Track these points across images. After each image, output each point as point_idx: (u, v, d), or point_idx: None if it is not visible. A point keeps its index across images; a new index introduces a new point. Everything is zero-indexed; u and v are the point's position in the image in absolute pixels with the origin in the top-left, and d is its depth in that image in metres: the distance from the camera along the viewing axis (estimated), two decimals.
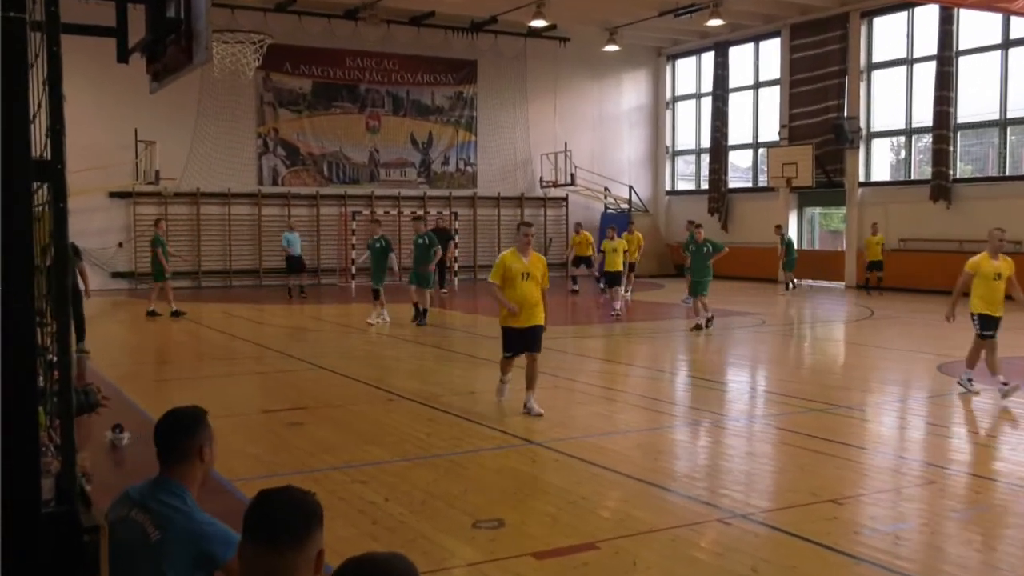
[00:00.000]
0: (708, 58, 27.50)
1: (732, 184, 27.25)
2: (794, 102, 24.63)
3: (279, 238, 21.24)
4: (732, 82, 26.84)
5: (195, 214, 23.22)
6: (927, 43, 21.62)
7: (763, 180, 25.99)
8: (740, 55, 26.84)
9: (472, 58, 26.24)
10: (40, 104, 2.32)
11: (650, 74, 29.25)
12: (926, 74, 21.63)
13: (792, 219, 25.22)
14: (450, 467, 6.40)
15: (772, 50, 25.78)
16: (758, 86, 26.48)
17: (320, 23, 23.95)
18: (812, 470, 6.41)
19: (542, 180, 27.16)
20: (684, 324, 14.77)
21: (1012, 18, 19.61)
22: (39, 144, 2.33)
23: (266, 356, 12.07)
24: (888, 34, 23.02)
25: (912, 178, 22.61)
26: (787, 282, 22.30)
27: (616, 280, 16.75)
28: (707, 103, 27.62)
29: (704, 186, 27.88)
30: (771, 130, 25.74)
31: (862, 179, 23.36)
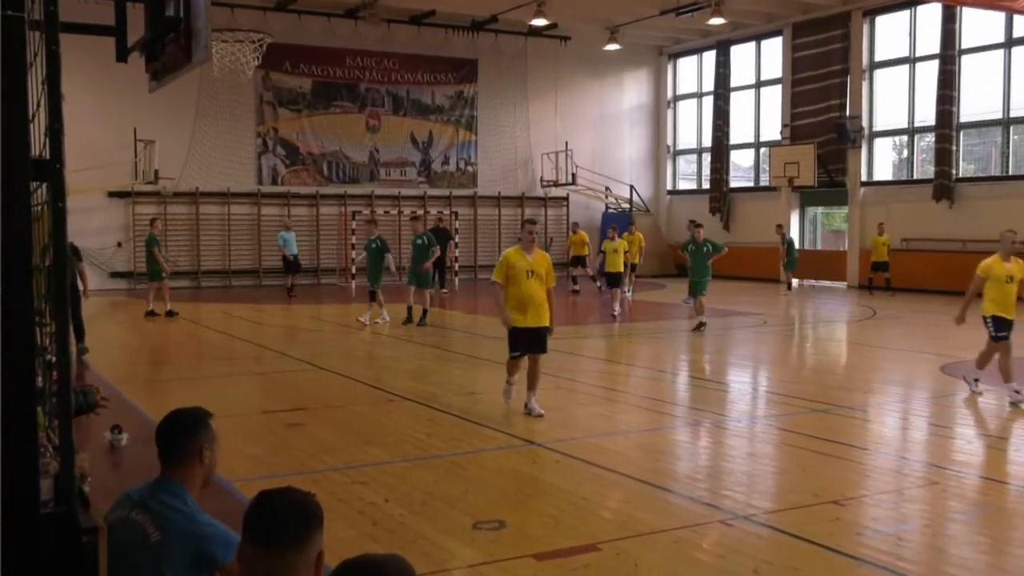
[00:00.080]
0: (710, 57, 27.45)
1: (734, 184, 27.22)
2: (796, 101, 24.58)
3: (278, 238, 21.18)
4: (734, 81, 26.79)
5: (194, 214, 23.19)
6: (930, 42, 21.57)
7: (765, 180, 25.96)
8: (742, 54, 26.80)
9: (472, 57, 26.19)
10: (39, 103, 2.31)
11: (651, 73, 29.20)
12: (928, 73, 21.59)
13: (794, 219, 25.17)
14: (450, 468, 6.38)
15: (774, 49, 25.73)
16: (760, 85, 26.42)
17: (320, 22, 23.92)
18: (814, 471, 6.38)
19: (543, 180, 27.12)
20: (686, 324, 14.73)
21: (1015, 17, 19.58)
22: (38, 143, 2.32)
23: (265, 356, 12.06)
24: (890, 33, 22.98)
25: (914, 178, 22.57)
26: (788, 282, 22.26)
27: (616, 281, 16.67)
28: (708, 102, 27.57)
29: (705, 186, 27.84)
30: (773, 129, 25.70)
31: (864, 179, 23.32)
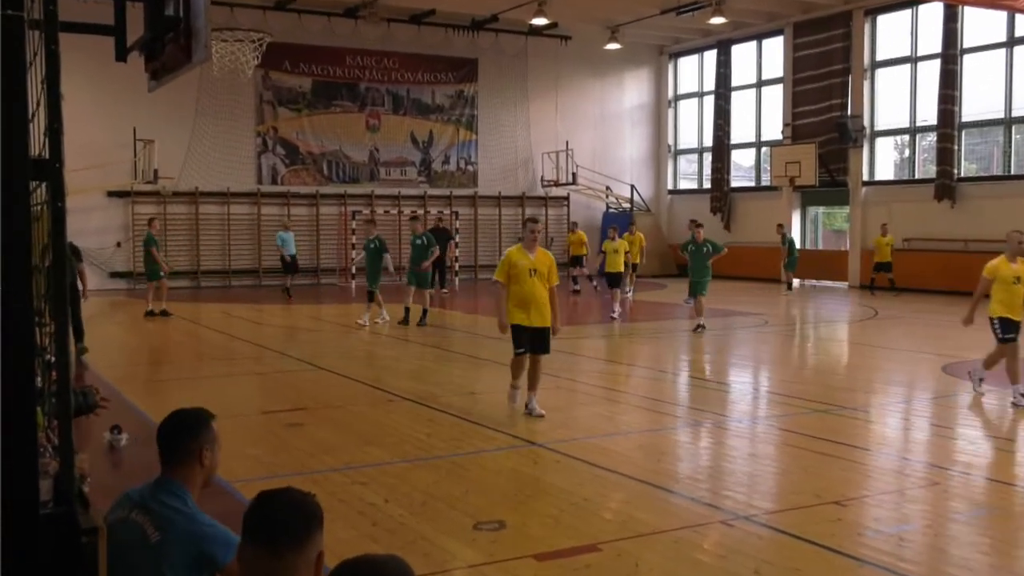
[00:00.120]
0: (711, 56, 27.42)
1: (735, 183, 27.18)
2: (797, 100, 24.54)
3: (276, 238, 21.04)
4: (735, 80, 26.75)
5: (194, 213, 23.15)
6: (931, 41, 21.53)
7: (766, 179, 25.93)
8: (743, 53, 26.76)
9: (473, 56, 26.15)
10: (38, 103, 2.31)
11: (652, 72, 29.17)
12: (930, 72, 21.55)
13: (795, 218, 25.13)
14: (451, 468, 6.36)
15: (775, 48, 25.70)
16: (761, 84, 26.39)
17: (320, 21, 23.88)
18: (815, 471, 6.36)
19: (543, 179, 27.09)
20: (686, 324, 14.71)
21: (1017, 16, 19.54)
22: (37, 143, 2.32)
23: (265, 356, 12.03)
24: (892, 32, 22.94)
25: (916, 177, 22.53)
26: (788, 282, 22.21)
27: (616, 281, 16.59)
28: (709, 101, 27.53)
29: (706, 185, 27.80)
30: (774, 129, 25.66)
31: (866, 178, 23.28)
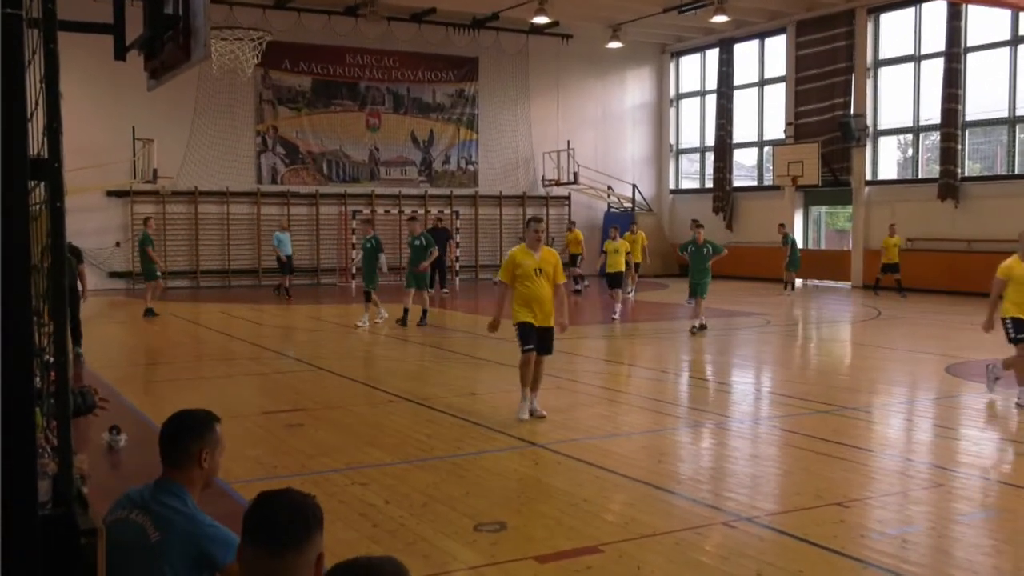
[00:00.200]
0: (713, 55, 27.36)
1: (737, 183, 27.13)
2: (800, 100, 24.48)
3: (272, 238, 20.90)
4: (737, 79, 26.69)
5: (193, 213, 23.11)
6: (935, 39, 21.47)
7: (768, 179, 25.87)
8: (745, 52, 26.70)
9: (473, 55, 26.10)
10: (37, 102, 2.30)
11: (654, 71, 29.11)
12: (934, 71, 21.48)
13: (798, 218, 25.08)
14: (451, 469, 6.34)
15: (778, 47, 25.64)
16: (763, 83, 26.33)
17: (320, 20, 23.84)
18: (818, 473, 6.33)
19: (544, 179, 27.04)
20: (688, 325, 14.67)
21: (1021, 15, 19.48)
22: (36, 142, 2.31)
23: (265, 357, 12.01)
24: (895, 30, 22.87)
25: (920, 176, 22.46)
26: (791, 282, 22.12)
27: (617, 281, 16.50)
28: (712, 101, 27.48)
29: (708, 185, 27.75)
30: (776, 128, 25.60)
31: (869, 177, 23.22)
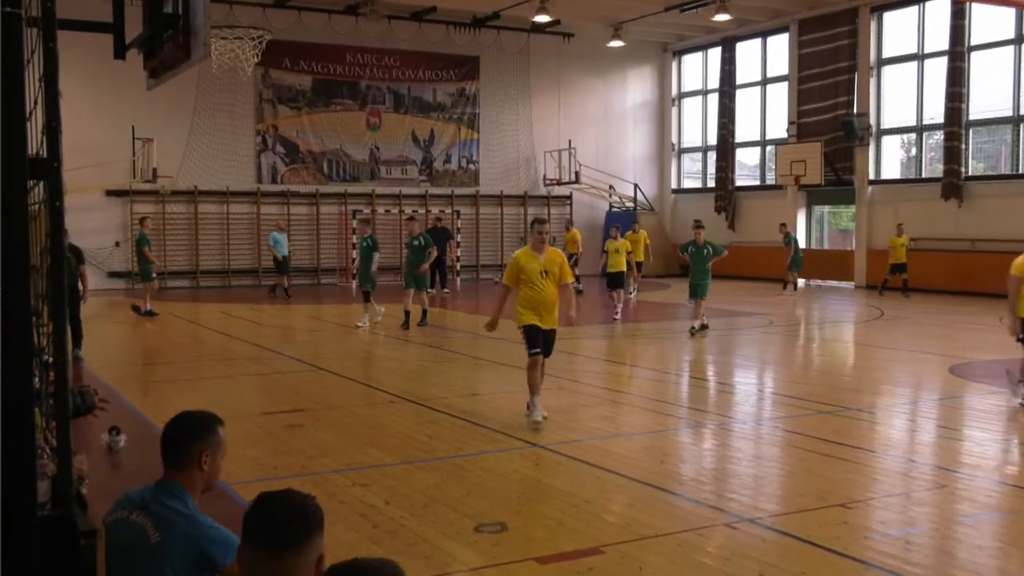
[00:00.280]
0: (715, 54, 27.32)
1: (739, 182, 27.07)
2: (802, 98, 24.42)
3: (269, 238, 20.78)
4: (739, 78, 26.65)
5: (193, 213, 23.08)
6: (938, 38, 21.41)
7: (771, 178, 25.80)
8: (748, 51, 26.65)
9: (474, 54, 26.06)
10: (36, 101, 2.29)
11: (656, 70, 29.07)
12: (937, 70, 21.42)
13: (800, 218, 25.03)
14: (452, 470, 6.32)
15: (780, 46, 25.59)
16: (766, 82, 26.27)
17: (320, 18, 23.80)
18: (821, 474, 6.31)
19: (546, 178, 27.01)
20: (689, 325, 14.64)
21: None
22: (35, 142, 2.30)
23: (265, 357, 11.98)
24: (898, 29, 22.81)
25: (923, 176, 22.38)
26: (794, 282, 22.05)
27: (618, 281, 16.39)
28: (714, 100, 27.42)
29: (711, 184, 27.71)
30: (779, 127, 25.55)
31: (872, 177, 23.15)
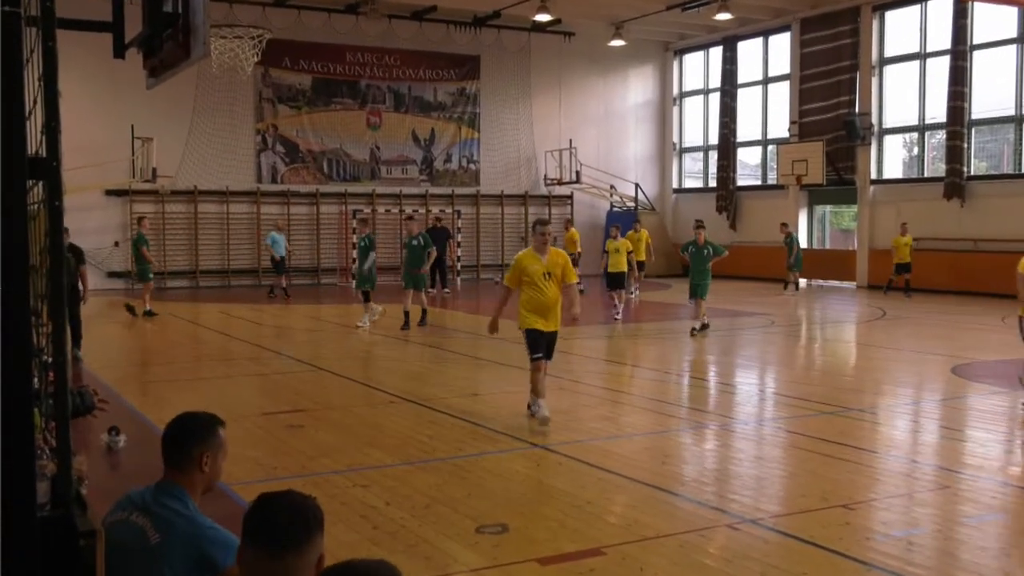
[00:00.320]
0: (716, 53, 27.28)
1: (741, 182, 27.03)
2: (804, 98, 24.38)
3: (267, 237, 20.76)
4: (741, 77, 26.60)
5: (192, 212, 23.05)
6: (941, 37, 21.37)
7: (772, 178, 25.76)
8: (749, 50, 26.61)
9: (475, 53, 26.02)
10: (35, 100, 2.28)
11: (657, 69, 29.02)
12: (940, 69, 21.37)
13: (802, 217, 24.98)
14: (453, 471, 6.30)
15: (782, 45, 25.55)
16: (767, 81, 26.23)
17: (320, 18, 23.76)
18: (823, 474, 6.28)
19: (546, 178, 26.98)
20: (690, 325, 14.62)
21: None
22: (34, 141, 2.30)
23: (265, 357, 11.96)
24: (901, 28, 22.76)
25: (925, 175, 22.33)
26: (795, 282, 22.01)
27: (619, 281, 16.28)
28: (715, 99, 27.38)
29: (712, 184, 27.67)
30: (781, 126, 25.51)
31: (874, 176, 23.11)
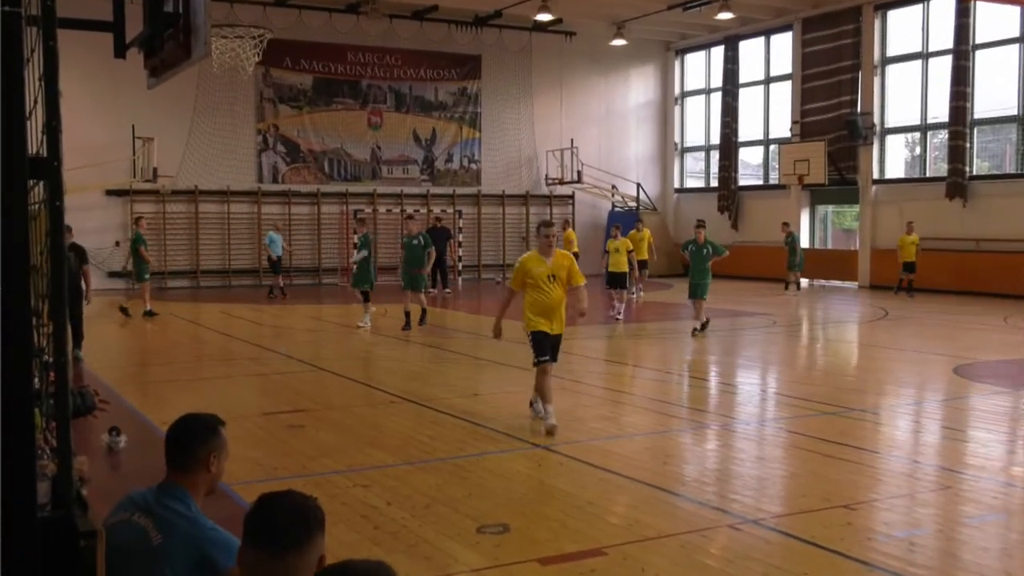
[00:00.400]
0: (718, 52, 27.27)
1: (742, 181, 27.01)
2: (806, 97, 24.35)
3: (265, 237, 20.74)
4: (742, 77, 26.58)
5: (193, 212, 23.04)
6: (943, 37, 21.35)
7: (774, 177, 25.75)
8: (751, 49, 26.59)
9: (476, 53, 26.00)
10: (36, 100, 2.27)
11: (658, 69, 29.00)
12: (942, 69, 21.35)
13: (804, 217, 24.95)
14: (454, 471, 6.30)
15: (783, 44, 25.53)
16: (769, 81, 26.21)
17: (321, 17, 23.75)
18: (824, 475, 6.27)
19: (548, 177, 26.96)
20: (692, 325, 14.61)
21: None
22: (35, 141, 2.29)
23: (265, 357, 11.96)
24: (903, 27, 22.74)
25: (927, 175, 22.31)
26: (795, 282, 21.97)
27: (620, 281, 16.19)
28: (717, 99, 27.36)
29: (714, 184, 27.66)
30: (782, 126, 25.49)
31: (876, 176, 23.08)
